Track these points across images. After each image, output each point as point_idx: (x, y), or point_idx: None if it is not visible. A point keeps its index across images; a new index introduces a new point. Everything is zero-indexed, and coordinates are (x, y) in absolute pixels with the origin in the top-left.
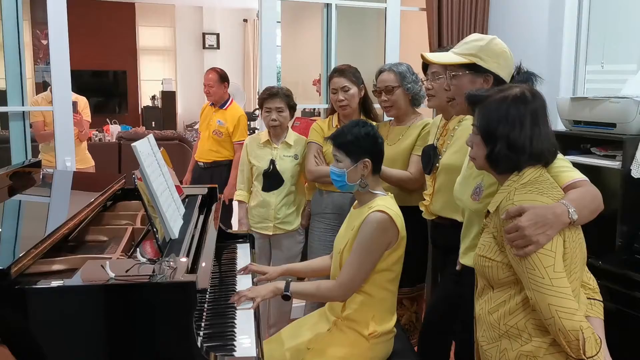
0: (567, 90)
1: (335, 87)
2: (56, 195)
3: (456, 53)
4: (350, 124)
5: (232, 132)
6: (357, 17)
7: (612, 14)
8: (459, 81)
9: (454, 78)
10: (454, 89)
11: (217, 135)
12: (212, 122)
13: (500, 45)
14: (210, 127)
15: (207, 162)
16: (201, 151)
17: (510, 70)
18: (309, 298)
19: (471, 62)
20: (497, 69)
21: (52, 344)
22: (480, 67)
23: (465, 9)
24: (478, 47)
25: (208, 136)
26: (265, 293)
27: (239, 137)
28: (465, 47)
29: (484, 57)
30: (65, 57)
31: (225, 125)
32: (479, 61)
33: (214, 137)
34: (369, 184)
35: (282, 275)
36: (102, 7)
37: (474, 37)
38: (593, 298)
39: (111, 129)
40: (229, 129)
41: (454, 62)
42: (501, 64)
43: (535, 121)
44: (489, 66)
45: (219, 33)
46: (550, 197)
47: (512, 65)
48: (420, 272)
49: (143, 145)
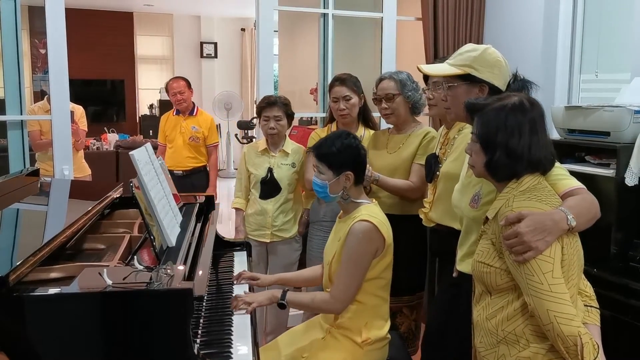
0: (562, 99)
1: (337, 96)
2: (54, 203)
3: (451, 64)
4: (333, 136)
5: (207, 135)
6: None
7: (606, 23)
8: (455, 92)
9: (449, 89)
10: (450, 99)
11: (195, 141)
12: (186, 130)
13: (494, 54)
14: (185, 135)
15: (186, 170)
16: (177, 160)
17: (505, 79)
18: (304, 308)
19: (465, 72)
20: (491, 79)
21: (50, 351)
22: (475, 77)
23: (460, 19)
24: (472, 57)
25: (183, 144)
26: (262, 299)
27: (213, 140)
28: (459, 58)
29: (478, 68)
30: (64, 66)
31: (200, 130)
32: (473, 71)
33: (190, 144)
34: (350, 195)
35: (274, 284)
36: (100, 16)
37: (467, 48)
38: (590, 305)
39: (109, 138)
40: (205, 133)
41: (449, 73)
42: (495, 73)
43: (533, 129)
44: (484, 76)
45: (217, 42)
46: (548, 204)
47: (507, 73)
48: (420, 280)
49: (140, 154)
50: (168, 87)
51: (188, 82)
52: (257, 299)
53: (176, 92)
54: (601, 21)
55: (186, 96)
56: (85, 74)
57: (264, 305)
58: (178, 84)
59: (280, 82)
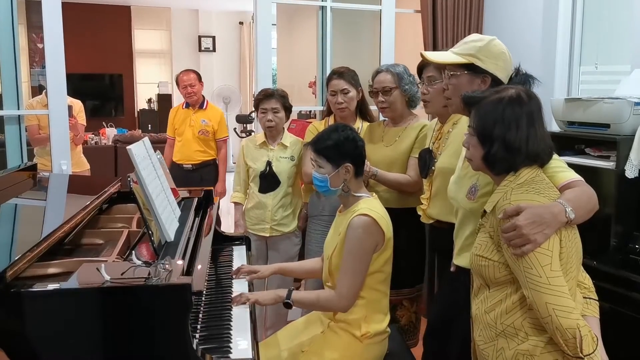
0: (561, 91)
1: (335, 89)
2: (52, 198)
3: (455, 53)
4: (329, 129)
5: (217, 129)
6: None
7: (606, 15)
8: (457, 81)
9: (452, 77)
10: (452, 88)
11: (205, 135)
12: (196, 123)
13: (499, 46)
14: (195, 128)
15: (195, 164)
16: (186, 154)
17: (508, 71)
18: (309, 307)
19: (469, 62)
20: (495, 70)
21: (48, 347)
22: (479, 68)
23: (459, 11)
24: (477, 47)
25: (192, 137)
26: (267, 299)
27: (222, 134)
28: (464, 47)
29: (482, 58)
30: (61, 61)
31: (210, 124)
32: (477, 61)
33: (200, 138)
34: (351, 188)
35: (274, 274)
36: (97, 10)
37: (473, 38)
38: (589, 297)
39: (107, 132)
40: (214, 127)
41: (453, 61)
42: (499, 65)
43: (531, 122)
44: (487, 67)
45: (215, 36)
46: (547, 197)
47: (510, 66)
48: (420, 272)
49: (138, 148)
50: (178, 79)
51: (199, 75)
52: (262, 298)
53: (186, 85)
54: (601, 13)
55: (196, 89)
56: (83, 69)
57: (268, 304)
58: (188, 76)
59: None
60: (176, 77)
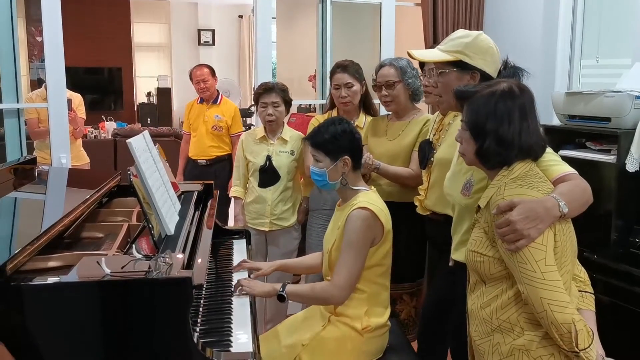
0: (562, 84)
1: (339, 83)
2: (52, 192)
3: (442, 50)
4: (326, 123)
5: (231, 125)
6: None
7: (607, 8)
8: (446, 78)
9: (440, 75)
10: (442, 86)
11: (218, 130)
12: (209, 118)
13: (486, 41)
14: (208, 123)
15: (209, 159)
16: (200, 149)
17: (496, 66)
18: (304, 300)
19: (457, 59)
20: (483, 66)
21: (49, 340)
22: (467, 64)
23: (460, 4)
24: (464, 43)
25: (206, 133)
26: (260, 292)
27: (237, 130)
28: (451, 44)
29: (469, 54)
30: (60, 54)
31: (224, 119)
32: (465, 58)
33: (213, 133)
34: (349, 181)
35: (276, 271)
36: (96, 3)
37: (459, 34)
38: (584, 290)
39: (107, 126)
40: (228, 122)
41: (440, 59)
42: (487, 60)
43: (523, 116)
44: (476, 63)
45: (214, 29)
46: (540, 191)
47: (498, 60)
48: (420, 267)
49: (138, 142)
50: (192, 74)
51: (212, 70)
52: (256, 290)
53: (199, 80)
54: (602, 6)
55: (210, 84)
56: (82, 62)
57: (261, 297)
58: (201, 71)
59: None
60: (190, 72)
